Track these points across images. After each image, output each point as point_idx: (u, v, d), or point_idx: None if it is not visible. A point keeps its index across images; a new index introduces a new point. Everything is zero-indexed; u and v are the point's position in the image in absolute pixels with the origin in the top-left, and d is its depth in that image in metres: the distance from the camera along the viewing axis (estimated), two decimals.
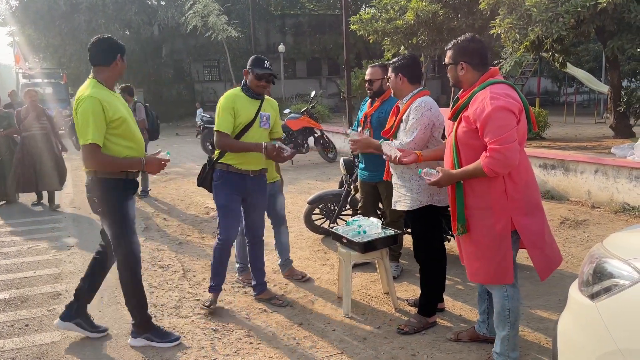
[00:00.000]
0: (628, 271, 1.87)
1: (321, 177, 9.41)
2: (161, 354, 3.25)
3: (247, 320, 3.71)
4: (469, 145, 2.71)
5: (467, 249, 2.83)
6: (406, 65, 3.40)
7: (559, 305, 3.73)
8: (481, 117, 2.57)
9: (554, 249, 2.81)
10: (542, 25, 7.43)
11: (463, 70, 2.78)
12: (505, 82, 2.73)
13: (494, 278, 2.76)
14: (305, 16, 30.00)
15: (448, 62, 2.86)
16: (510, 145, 2.52)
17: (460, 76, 2.80)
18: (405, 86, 3.41)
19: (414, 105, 3.33)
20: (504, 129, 2.53)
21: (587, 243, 5.15)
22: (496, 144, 2.52)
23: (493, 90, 2.63)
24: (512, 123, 2.57)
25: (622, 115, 9.65)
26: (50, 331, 3.62)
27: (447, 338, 3.30)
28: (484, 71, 2.77)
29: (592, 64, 20.37)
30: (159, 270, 4.79)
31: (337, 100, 26.55)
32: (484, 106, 2.57)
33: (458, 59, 2.79)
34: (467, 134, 2.70)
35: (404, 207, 3.41)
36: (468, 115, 2.67)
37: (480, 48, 2.80)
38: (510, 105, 2.57)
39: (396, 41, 11.46)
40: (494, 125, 2.54)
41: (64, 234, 6.10)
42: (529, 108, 2.74)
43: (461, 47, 2.79)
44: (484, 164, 2.56)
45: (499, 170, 2.55)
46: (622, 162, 6.21)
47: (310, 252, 5.19)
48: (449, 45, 2.89)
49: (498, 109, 2.54)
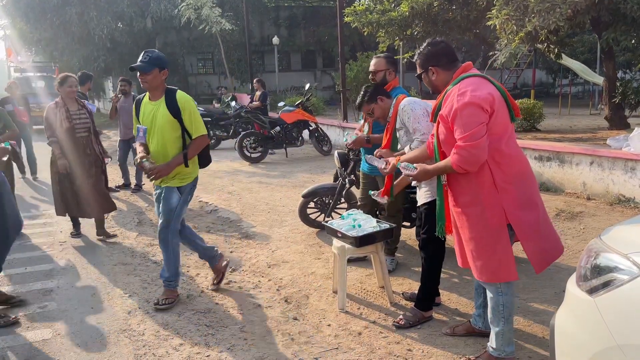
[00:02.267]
0: (627, 266, 1.83)
1: (316, 171, 9.36)
2: (154, 350, 3.22)
3: (241, 316, 3.68)
4: (449, 144, 2.71)
5: (468, 247, 2.77)
6: (378, 90, 3.80)
7: (554, 298, 3.71)
8: (450, 114, 2.61)
9: (551, 241, 2.77)
10: (540, 16, 7.38)
11: (435, 75, 2.83)
12: (477, 74, 2.72)
13: (499, 276, 2.70)
14: (300, 8, 29.80)
15: (420, 71, 2.90)
16: (477, 142, 2.51)
17: (434, 80, 2.85)
18: (386, 104, 3.80)
19: (401, 109, 3.56)
20: (470, 125, 2.53)
21: (583, 235, 5.13)
22: (462, 141, 2.54)
23: (461, 86, 2.64)
24: (479, 119, 2.54)
25: (617, 106, 9.64)
26: (41, 328, 3.57)
27: (443, 332, 3.28)
28: (455, 68, 2.79)
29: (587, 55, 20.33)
30: (151, 266, 4.74)
31: (331, 93, 26.44)
32: (453, 103, 2.60)
33: (426, 65, 2.84)
34: (445, 133, 2.72)
35: (427, 199, 3.36)
36: (442, 114, 2.70)
37: (443, 48, 2.84)
38: (476, 99, 2.55)
39: (391, 33, 11.37)
40: (461, 122, 2.56)
41: (56, 230, 6.03)
42: (508, 96, 2.71)
43: (425, 54, 2.85)
44: (452, 161, 2.61)
45: (466, 167, 2.58)
46: (618, 153, 6.20)
47: (305, 246, 5.15)
48: (415, 56, 2.94)
49: (464, 105, 2.55)
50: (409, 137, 3.54)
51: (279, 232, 5.66)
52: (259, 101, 12.20)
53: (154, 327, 3.53)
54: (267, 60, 28.66)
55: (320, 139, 11.11)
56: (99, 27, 21.48)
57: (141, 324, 3.59)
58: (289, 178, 8.75)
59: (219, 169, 9.78)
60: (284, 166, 10.04)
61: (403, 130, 3.59)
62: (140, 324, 3.58)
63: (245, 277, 4.43)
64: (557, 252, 2.80)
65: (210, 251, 4.10)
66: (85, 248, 5.33)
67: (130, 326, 3.55)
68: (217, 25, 20.42)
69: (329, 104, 21.70)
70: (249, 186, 8.14)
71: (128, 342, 3.34)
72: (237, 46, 25.66)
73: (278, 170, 9.58)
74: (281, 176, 8.97)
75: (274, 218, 6.18)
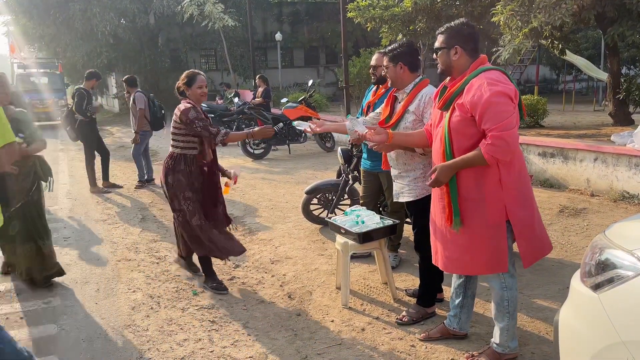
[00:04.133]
0: (632, 262, 1.83)
1: (319, 167, 9.36)
2: (157, 346, 3.23)
3: (245, 311, 3.68)
4: (464, 134, 2.62)
5: (458, 242, 2.73)
6: (406, 53, 3.31)
7: (558, 295, 3.71)
8: (479, 104, 2.50)
9: (542, 240, 2.78)
10: (545, 12, 7.35)
11: (457, 55, 2.68)
12: (498, 68, 2.67)
13: (488, 268, 2.71)
14: (303, 4, 29.71)
15: (440, 46, 2.73)
16: (512, 131, 2.47)
17: (454, 61, 2.69)
18: (406, 75, 3.31)
19: (425, 97, 3.24)
20: (504, 114, 2.47)
21: (587, 232, 5.12)
22: (497, 130, 2.46)
23: (489, 76, 2.56)
24: (511, 109, 2.51)
25: (621, 102, 9.59)
26: (46, 324, 3.58)
27: (419, 339, 3.19)
28: (475, 58, 2.69)
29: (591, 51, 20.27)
30: (155, 262, 4.75)
31: (335, 89, 26.40)
32: (482, 93, 2.50)
33: (452, 42, 2.69)
34: (462, 122, 2.61)
35: (409, 198, 3.35)
36: (463, 103, 2.58)
37: (474, 33, 2.72)
38: (508, 90, 2.52)
39: (394, 29, 11.33)
40: (494, 111, 2.47)
41: (60, 226, 6.05)
42: (520, 96, 2.69)
43: (456, 31, 2.69)
44: (485, 150, 2.49)
45: (500, 157, 2.49)
46: (622, 150, 6.17)
47: (308, 242, 5.16)
48: (442, 29, 2.77)
49: (497, 94, 2.48)
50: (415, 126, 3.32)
51: (282, 228, 5.67)
52: (261, 97, 12.20)
53: (157, 322, 3.54)
54: (270, 57, 28.62)
55: (323, 136, 11.10)
56: (102, 24, 21.46)
57: (145, 319, 3.60)
58: (292, 174, 8.75)
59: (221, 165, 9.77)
60: (287, 162, 10.04)
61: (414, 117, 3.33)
62: (144, 320, 3.59)
63: (249, 273, 4.43)
64: (546, 250, 2.81)
65: None
66: (89, 244, 5.35)
67: (134, 322, 3.57)
68: (220, 21, 20.40)
69: (332, 100, 21.67)
70: (252, 182, 8.15)
71: (132, 337, 3.35)
72: (240, 42, 25.59)
73: (281, 167, 9.57)
74: (284, 172, 8.97)
75: (277, 214, 6.19)
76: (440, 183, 2.68)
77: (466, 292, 3.03)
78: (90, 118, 7.61)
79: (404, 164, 3.34)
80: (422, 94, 3.27)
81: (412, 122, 3.29)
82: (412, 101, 3.28)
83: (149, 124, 8.02)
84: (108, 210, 6.73)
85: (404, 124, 3.30)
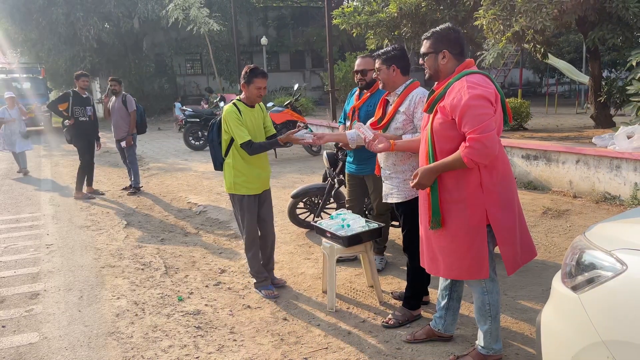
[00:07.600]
0: (611, 262, 1.85)
1: (305, 171, 9.36)
2: (142, 353, 3.19)
3: (231, 317, 3.66)
4: (445, 137, 2.64)
5: (439, 243, 2.75)
6: (398, 57, 3.37)
7: (542, 296, 3.75)
8: (459, 107, 2.51)
9: (526, 244, 2.78)
10: (526, 16, 7.45)
11: (445, 59, 2.70)
12: (481, 72, 2.69)
13: (469, 273, 2.71)
14: (288, 8, 29.80)
15: (427, 51, 2.76)
16: (489, 134, 2.47)
17: (442, 65, 2.72)
18: (398, 78, 3.38)
19: (415, 97, 3.30)
20: (482, 117, 2.48)
21: (570, 233, 5.18)
22: (475, 133, 2.46)
23: (470, 79, 2.58)
24: (490, 112, 2.52)
25: (602, 105, 9.75)
26: (28, 332, 3.53)
27: (404, 340, 3.21)
28: (461, 61, 2.72)
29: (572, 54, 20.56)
30: (140, 268, 4.71)
31: (320, 93, 26.48)
32: (461, 96, 2.52)
33: (440, 47, 2.71)
34: (443, 125, 2.63)
35: (398, 199, 3.37)
36: (444, 106, 2.61)
37: (461, 37, 2.75)
38: (487, 93, 2.53)
39: (379, 34, 11.39)
40: (472, 114, 2.48)
41: (43, 232, 5.97)
42: (505, 100, 2.71)
43: (443, 35, 2.72)
44: (464, 154, 2.50)
45: (478, 160, 2.50)
46: (603, 152, 6.27)
47: (294, 247, 5.15)
48: (428, 34, 2.79)
49: (476, 97, 2.50)
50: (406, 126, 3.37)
51: None
52: None
53: (142, 329, 3.51)
54: (256, 61, 28.60)
55: None
56: (86, 28, 21.30)
57: (130, 326, 3.56)
58: (278, 178, 8.74)
59: (207, 169, 9.74)
60: (273, 166, 9.97)
61: (404, 117, 3.37)
62: (129, 327, 3.55)
63: (235, 278, 4.41)
64: (530, 255, 2.81)
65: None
66: (73, 251, 5.28)
67: (118, 329, 3.53)
68: (205, 25, 20.35)
69: (318, 104, 21.73)
70: None
71: (116, 344, 3.32)
72: (225, 47, 25.57)
73: None
74: (270, 176, 8.93)
75: None
76: (424, 186, 2.70)
77: (452, 295, 3.05)
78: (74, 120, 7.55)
79: (394, 164, 3.36)
80: (413, 95, 3.32)
81: (402, 123, 3.33)
82: (403, 102, 3.34)
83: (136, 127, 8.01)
84: (92, 217, 6.66)
85: (394, 125, 3.35)
